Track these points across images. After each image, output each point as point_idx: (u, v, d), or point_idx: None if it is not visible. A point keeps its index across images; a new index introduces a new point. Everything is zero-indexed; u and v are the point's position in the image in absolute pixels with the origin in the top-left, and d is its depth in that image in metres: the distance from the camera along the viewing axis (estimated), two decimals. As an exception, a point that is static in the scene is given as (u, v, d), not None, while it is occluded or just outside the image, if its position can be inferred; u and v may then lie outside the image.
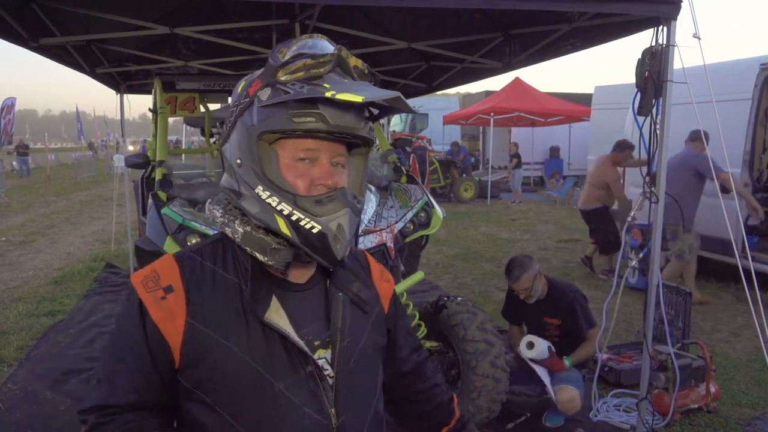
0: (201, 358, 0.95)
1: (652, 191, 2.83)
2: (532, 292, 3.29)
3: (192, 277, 0.98)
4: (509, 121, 15.37)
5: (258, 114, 0.93)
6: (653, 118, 2.82)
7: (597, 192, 6.59)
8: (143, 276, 1.00)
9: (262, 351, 0.97)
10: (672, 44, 2.70)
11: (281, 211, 0.93)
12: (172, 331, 0.95)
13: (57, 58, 4.45)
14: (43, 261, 7.58)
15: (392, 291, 1.23)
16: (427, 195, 3.21)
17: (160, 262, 1.02)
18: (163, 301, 0.96)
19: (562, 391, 3.12)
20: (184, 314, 0.96)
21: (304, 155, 0.95)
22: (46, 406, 3.48)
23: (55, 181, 20.90)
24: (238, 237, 1.00)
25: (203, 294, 0.98)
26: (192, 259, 1.01)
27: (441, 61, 5.13)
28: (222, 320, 0.97)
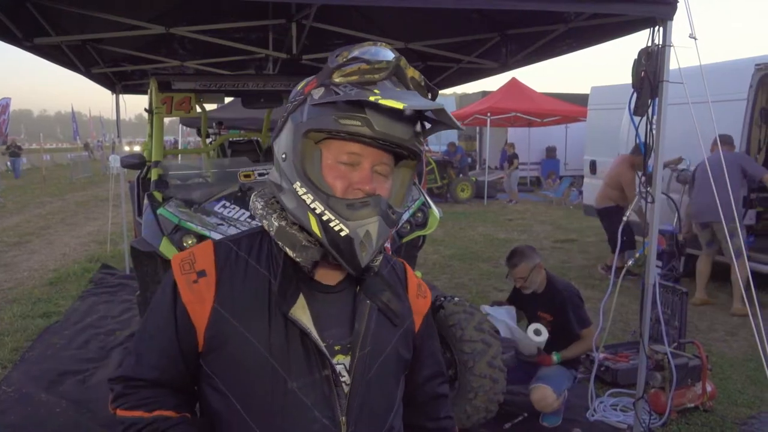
0: (222, 346, 0.97)
1: (648, 191, 2.83)
2: (528, 282, 3.31)
3: (225, 265, 1.01)
4: (506, 121, 15.39)
5: (308, 112, 0.93)
6: (649, 118, 2.82)
7: (611, 192, 6.56)
8: (182, 258, 1.04)
9: (281, 347, 0.97)
10: (668, 44, 2.71)
11: (314, 209, 0.93)
12: (200, 315, 0.98)
13: (52, 58, 4.43)
14: (38, 262, 7.55)
15: (427, 308, 1.19)
16: (424, 195, 3.20)
17: (200, 247, 1.06)
18: (194, 284, 0.99)
19: (535, 390, 3.16)
20: (212, 300, 0.98)
21: (347, 158, 0.94)
22: (41, 408, 3.46)
23: (50, 181, 20.83)
24: (273, 230, 1.01)
25: (233, 283, 1.00)
26: (229, 248, 1.03)
27: (438, 62, 5.14)
28: (247, 311, 0.98)
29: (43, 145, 29.45)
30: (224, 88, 3.65)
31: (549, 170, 17.44)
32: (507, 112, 14.33)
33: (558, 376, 3.22)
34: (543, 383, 3.16)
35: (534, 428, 3.26)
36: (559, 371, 3.24)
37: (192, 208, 2.88)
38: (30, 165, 27.87)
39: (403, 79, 0.93)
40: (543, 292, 3.35)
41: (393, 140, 0.91)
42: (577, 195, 13.07)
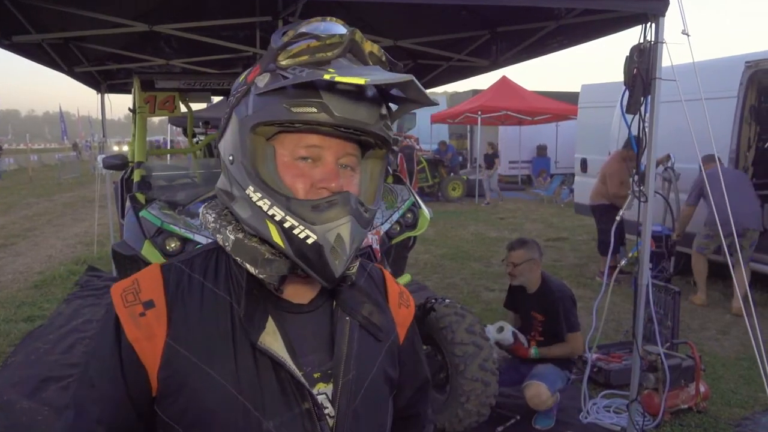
0: (180, 387, 0.82)
1: (641, 190, 2.79)
2: (518, 272, 3.29)
3: (177, 292, 0.85)
4: (496, 119, 15.38)
5: (253, 103, 0.80)
6: (641, 116, 2.78)
7: (602, 187, 6.46)
8: (123, 288, 0.87)
9: (251, 382, 0.83)
10: (660, 41, 2.67)
11: (273, 216, 0.79)
12: (150, 354, 0.82)
13: (33, 57, 4.33)
14: (24, 264, 7.41)
15: (411, 319, 1.06)
16: (414, 195, 3.15)
17: (144, 273, 0.89)
18: (141, 317, 0.83)
19: (528, 387, 3.13)
20: (164, 334, 0.82)
21: (305, 153, 0.81)
22: (23, 415, 3.37)
23: (37, 182, 20.57)
24: (228, 245, 0.86)
25: (188, 311, 0.84)
26: (180, 271, 0.88)
27: (428, 60, 5.08)
28: (207, 343, 0.83)
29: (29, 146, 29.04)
30: (209, 86, 3.57)
31: (540, 168, 17.46)
32: (498, 110, 14.31)
33: (552, 374, 3.18)
34: (537, 380, 3.12)
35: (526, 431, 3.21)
36: (554, 371, 3.20)
37: (176, 210, 2.80)
38: (17, 165, 27.53)
39: (360, 55, 0.80)
40: (536, 292, 3.32)
41: (357, 126, 0.78)
42: (568, 193, 13.08)
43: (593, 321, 3.22)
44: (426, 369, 1.12)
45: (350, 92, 0.76)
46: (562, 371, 3.24)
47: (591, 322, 3.27)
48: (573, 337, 3.21)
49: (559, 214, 11.82)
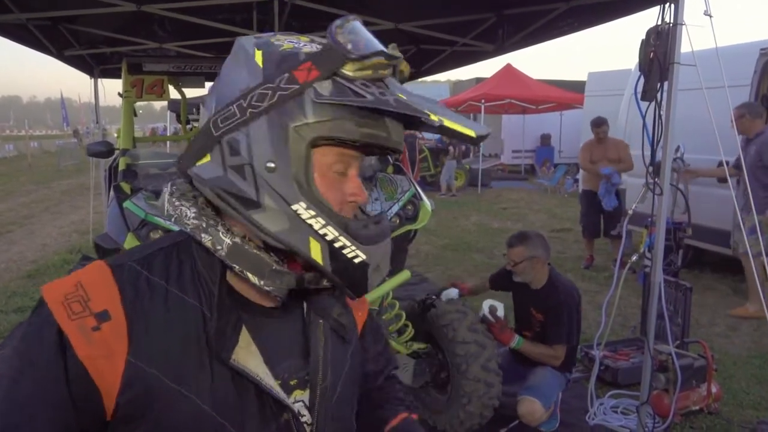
0: (146, 410, 0.72)
1: (656, 182, 2.63)
2: (519, 269, 3.09)
3: (137, 299, 0.73)
4: (500, 108, 15.15)
5: (314, 111, 0.71)
6: (658, 103, 2.61)
7: (582, 173, 6.80)
8: (64, 293, 0.72)
9: (228, 398, 0.75)
10: (680, 23, 2.49)
11: (324, 235, 0.74)
12: (108, 373, 0.70)
13: (19, 39, 4.15)
14: (17, 253, 7.29)
15: (366, 316, 1.05)
16: (415, 186, 2.99)
17: (90, 275, 0.74)
18: (94, 333, 0.70)
19: (522, 403, 2.94)
20: (125, 351, 0.71)
21: (341, 168, 0.77)
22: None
23: (36, 169, 20.44)
24: (222, 249, 0.75)
25: (152, 322, 0.73)
26: (135, 273, 0.76)
27: (431, 44, 4.89)
28: (176, 358, 0.73)
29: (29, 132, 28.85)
30: (201, 70, 3.40)
31: (543, 158, 17.22)
32: (501, 98, 14.08)
33: (548, 385, 3.01)
34: (531, 395, 2.94)
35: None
36: (551, 379, 3.02)
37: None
38: (17, 152, 27.39)
39: (396, 72, 0.78)
40: (541, 290, 3.11)
41: (400, 148, 0.77)
42: (572, 183, 12.89)
43: (602, 317, 3.08)
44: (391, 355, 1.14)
45: (400, 116, 0.74)
46: (561, 374, 3.07)
47: (597, 317, 3.13)
48: (559, 349, 2.99)
49: (562, 204, 11.64)
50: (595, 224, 6.48)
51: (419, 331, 3.01)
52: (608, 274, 6.16)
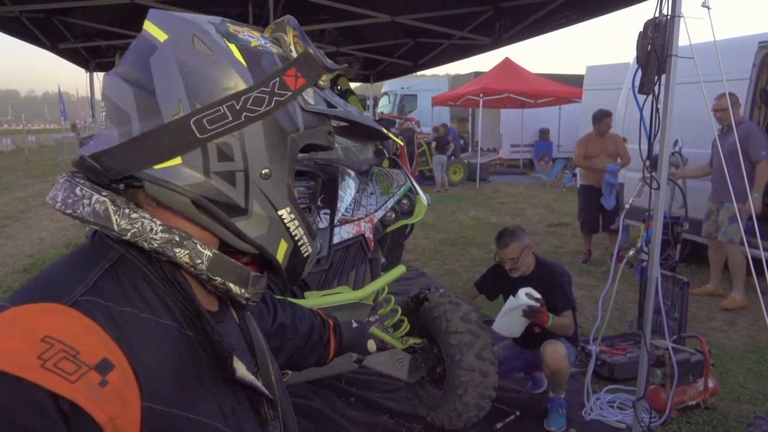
0: None
1: (653, 176, 2.61)
2: (518, 264, 3.12)
3: (127, 337, 0.62)
4: (498, 102, 15.11)
5: (303, 119, 0.72)
6: (655, 96, 2.59)
7: (580, 168, 6.66)
8: (35, 354, 0.55)
9: (233, 410, 0.73)
10: (678, 15, 2.47)
11: (294, 236, 0.75)
12: (126, 428, 0.59)
13: (12, 32, 4.12)
14: (14, 247, 7.27)
15: None
16: (411, 180, 2.97)
17: (54, 324, 0.58)
18: (104, 388, 0.58)
19: (547, 345, 2.99)
20: (138, 398, 0.61)
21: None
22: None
23: (33, 163, 20.38)
24: (203, 264, 0.68)
25: (149, 358, 0.63)
26: (104, 309, 0.62)
27: (428, 38, 4.87)
28: (183, 387, 0.66)
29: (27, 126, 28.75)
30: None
31: (542, 152, 17.21)
32: (500, 93, 14.04)
33: (566, 344, 3.05)
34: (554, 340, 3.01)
35: (527, 427, 3.08)
36: (567, 344, 3.06)
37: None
38: (15, 146, 27.30)
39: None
40: (533, 273, 3.17)
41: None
42: (570, 177, 12.88)
43: (598, 312, 3.07)
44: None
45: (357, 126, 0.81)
46: (573, 348, 3.13)
47: (594, 312, 3.12)
48: (568, 314, 3.07)
49: (560, 199, 11.63)
50: (594, 219, 6.43)
51: (414, 326, 2.99)
52: (606, 268, 6.15)
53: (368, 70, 6.45)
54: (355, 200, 2.68)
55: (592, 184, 6.36)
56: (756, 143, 4.80)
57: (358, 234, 2.53)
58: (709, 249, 5.38)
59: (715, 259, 5.32)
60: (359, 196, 2.73)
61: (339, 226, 2.49)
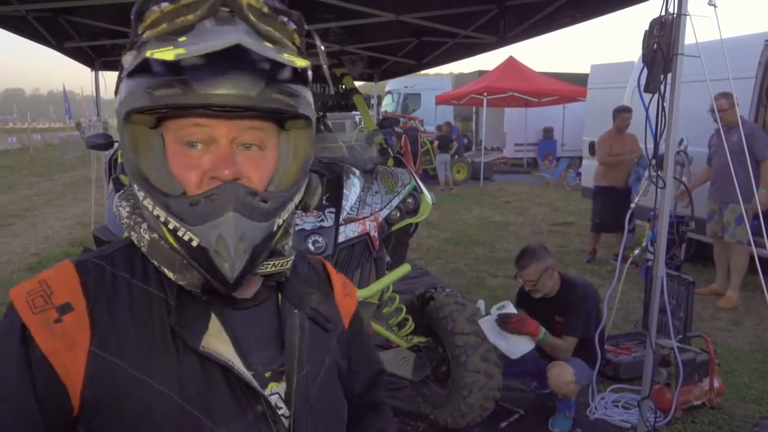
0: (113, 403, 0.71)
1: (658, 175, 2.60)
2: (539, 286, 3.03)
3: (99, 291, 0.73)
4: (502, 101, 15.08)
5: (123, 87, 0.70)
6: (661, 95, 2.58)
7: (596, 167, 6.45)
8: (28, 290, 0.72)
9: (198, 387, 0.73)
10: (684, 13, 2.46)
11: (158, 217, 0.71)
12: (71, 367, 0.70)
13: (18, 31, 4.13)
14: (20, 245, 7.30)
15: (354, 308, 0.99)
16: (415, 179, 2.97)
17: (54, 272, 0.75)
18: (57, 324, 0.70)
19: (553, 366, 2.92)
20: (87, 341, 0.70)
21: (192, 137, 0.70)
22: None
23: (39, 161, 20.46)
24: (144, 246, 0.76)
25: (116, 313, 0.73)
26: (99, 268, 0.75)
27: (432, 36, 4.86)
28: (143, 348, 0.72)
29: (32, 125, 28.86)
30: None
31: (546, 151, 17.15)
32: (504, 91, 13.99)
33: (579, 365, 2.96)
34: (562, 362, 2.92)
35: (532, 427, 3.08)
36: (583, 365, 2.98)
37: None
38: (20, 145, 27.42)
39: (239, 11, 0.66)
40: (558, 294, 3.06)
41: (230, 102, 0.66)
42: (574, 177, 12.85)
43: (604, 311, 3.06)
44: (377, 356, 1.08)
45: (220, 63, 0.63)
46: (590, 369, 3.01)
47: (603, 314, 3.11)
48: (569, 341, 2.96)
49: (565, 198, 11.60)
50: (611, 221, 6.15)
51: (419, 325, 3.00)
52: (610, 267, 6.14)
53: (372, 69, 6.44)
54: (360, 199, 2.68)
55: (612, 185, 6.16)
56: (761, 141, 4.79)
57: (363, 233, 2.53)
58: (715, 249, 5.36)
59: (720, 259, 5.30)
60: (364, 194, 2.73)
61: (344, 225, 2.49)
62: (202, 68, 0.64)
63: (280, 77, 0.69)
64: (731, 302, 4.91)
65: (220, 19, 0.66)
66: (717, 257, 5.35)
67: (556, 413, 3.04)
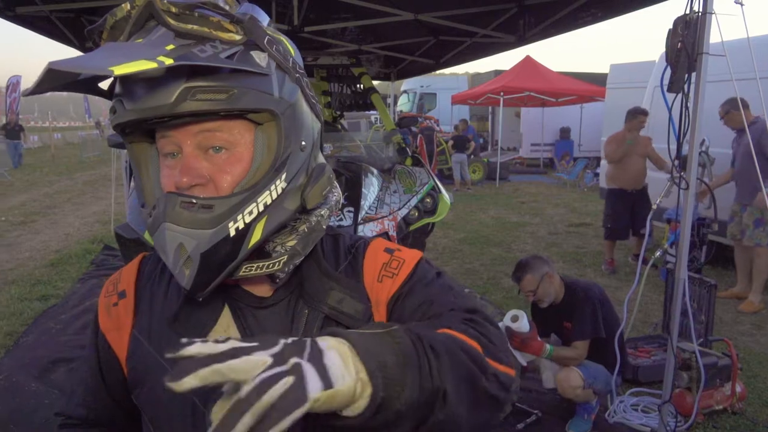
0: (142, 378, 0.82)
1: (681, 176, 2.57)
2: (540, 294, 2.99)
3: (147, 282, 0.86)
4: (519, 101, 14.98)
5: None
6: (685, 94, 2.54)
7: (606, 169, 6.27)
8: (112, 278, 0.89)
9: None
10: (709, 11, 2.42)
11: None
12: (119, 344, 0.84)
13: (41, 31, 4.19)
14: (41, 242, 7.42)
15: (398, 285, 0.84)
16: (434, 179, 2.96)
17: (132, 262, 0.90)
18: (113, 308, 0.85)
19: (561, 370, 2.88)
20: (130, 325, 0.84)
21: (166, 149, 0.72)
22: (31, 398, 3.31)
23: (59, 160, 20.78)
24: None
25: (153, 302, 0.84)
26: (156, 260, 0.88)
27: (450, 36, 4.84)
28: (167, 336, 0.80)
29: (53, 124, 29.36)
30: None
31: (563, 152, 17.01)
32: (520, 91, 13.90)
33: (595, 369, 2.90)
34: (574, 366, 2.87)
35: (548, 429, 3.05)
36: (601, 370, 2.92)
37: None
38: (41, 143, 27.90)
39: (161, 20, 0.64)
40: (563, 300, 3.02)
41: (151, 114, 0.65)
42: (591, 177, 12.71)
43: (623, 314, 3.03)
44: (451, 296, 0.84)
45: (142, 78, 0.64)
46: (609, 375, 2.96)
47: (618, 314, 3.08)
48: (580, 345, 2.89)
49: (582, 198, 11.49)
50: (624, 227, 6.00)
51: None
52: (628, 269, 6.06)
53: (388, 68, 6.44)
54: (378, 198, 2.68)
55: (623, 187, 5.92)
56: None
57: (381, 232, 2.53)
58: (735, 251, 5.27)
59: (741, 262, 5.21)
60: (382, 194, 2.73)
61: (363, 224, 2.50)
62: (126, 85, 0.66)
63: (199, 76, 0.65)
64: (753, 306, 4.83)
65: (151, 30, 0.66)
66: (738, 260, 5.26)
67: (575, 416, 3.01)
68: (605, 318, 2.94)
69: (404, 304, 0.83)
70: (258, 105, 0.69)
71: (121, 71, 0.54)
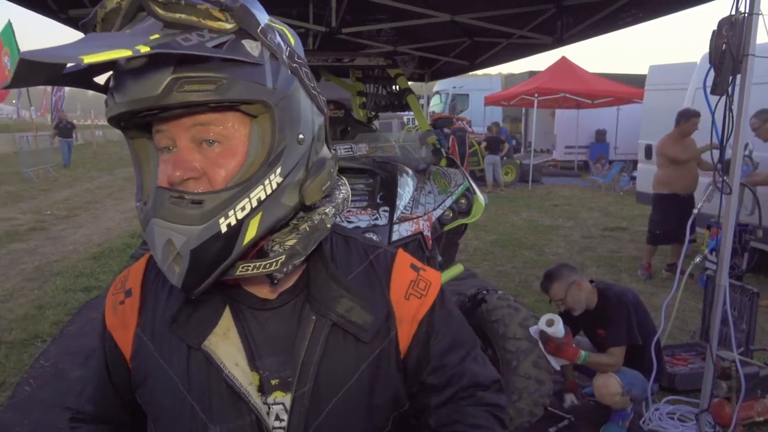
0: (144, 379, 0.82)
1: (724, 180, 2.51)
2: (570, 303, 2.95)
3: (154, 281, 0.85)
4: (554, 102, 14.77)
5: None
6: (729, 97, 2.49)
7: (657, 173, 5.90)
8: (120, 275, 0.90)
9: (201, 382, 0.77)
10: (756, 12, 2.36)
11: None
12: (124, 342, 0.84)
13: (90, 32, 4.36)
14: (84, 236, 7.70)
15: (426, 311, 0.85)
16: (468, 180, 2.96)
17: (139, 261, 0.90)
18: (120, 306, 0.85)
19: (599, 375, 2.84)
20: (135, 324, 0.83)
21: (162, 143, 0.70)
22: (75, 384, 3.45)
23: (101, 157, 21.48)
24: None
25: (157, 302, 0.83)
26: None
27: (486, 37, 4.83)
28: (167, 337, 0.80)
29: (95, 121, 30.34)
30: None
31: (598, 154, 16.70)
32: (555, 92, 13.70)
33: (632, 376, 2.86)
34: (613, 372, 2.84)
35: (581, 434, 3.02)
36: (638, 376, 2.88)
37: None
38: (83, 141, 28.88)
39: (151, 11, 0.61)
40: (597, 306, 2.96)
41: (137, 107, 0.63)
42: (627, 181, 12.45)
43: (661, 321, 2.97)
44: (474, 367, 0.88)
45: (130, 70, 0.62)
46: (646, 382, 2.90)
47: (655, 321, 3.02)
48: (616, 351, 2.82)
49: (617, 202, 11.27)
50: (673, 232, 5.59)
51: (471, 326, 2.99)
52: (665, 275, 5.92)
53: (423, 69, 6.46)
54: (413, 198, 2.70)
55: (677, 192, 5.65)
56: None
57: (416, 232, 2.55)
58: None
59: None
60: (417, 194, 2.75)
61: (398, 224, 2.52)
62: (117, 78, 0.64)
63: (187, 66, 0.62)
64: None
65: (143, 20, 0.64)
66: None
67: (609, 422, 2.97)
68: (640, 323, 2.88)
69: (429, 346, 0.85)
70: (249, 96, 0.65)
71: (90, 60, 0.51)
